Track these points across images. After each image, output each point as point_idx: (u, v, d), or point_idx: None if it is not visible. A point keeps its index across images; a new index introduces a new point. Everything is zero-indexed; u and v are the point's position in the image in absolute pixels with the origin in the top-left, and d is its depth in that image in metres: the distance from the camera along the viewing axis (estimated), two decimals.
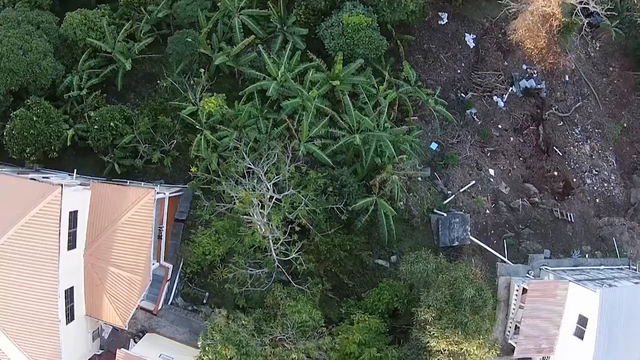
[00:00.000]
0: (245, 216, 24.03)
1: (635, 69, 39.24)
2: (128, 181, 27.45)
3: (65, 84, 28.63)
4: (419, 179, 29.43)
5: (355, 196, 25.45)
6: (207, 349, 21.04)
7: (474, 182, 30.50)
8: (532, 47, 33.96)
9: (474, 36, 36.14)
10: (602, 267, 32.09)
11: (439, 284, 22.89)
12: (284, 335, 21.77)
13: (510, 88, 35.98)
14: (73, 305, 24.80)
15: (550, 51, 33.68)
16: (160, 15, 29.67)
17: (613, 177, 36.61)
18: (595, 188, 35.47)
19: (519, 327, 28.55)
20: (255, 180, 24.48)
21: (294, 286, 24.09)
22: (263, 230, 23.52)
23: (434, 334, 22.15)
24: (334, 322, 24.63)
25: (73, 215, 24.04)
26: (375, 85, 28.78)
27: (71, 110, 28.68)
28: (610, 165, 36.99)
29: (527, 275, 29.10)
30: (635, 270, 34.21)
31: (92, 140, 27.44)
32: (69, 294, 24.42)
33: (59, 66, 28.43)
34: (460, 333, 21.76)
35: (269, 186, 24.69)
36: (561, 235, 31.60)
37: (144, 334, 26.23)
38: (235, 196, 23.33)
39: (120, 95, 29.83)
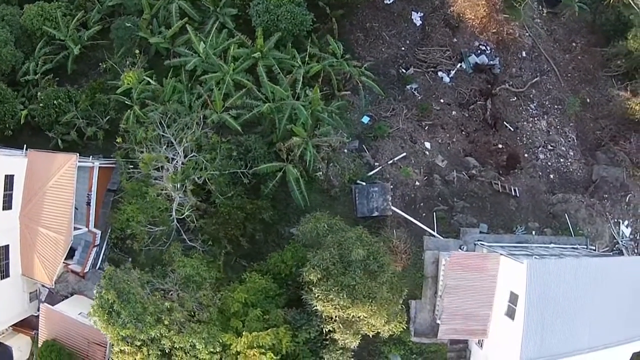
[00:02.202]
0: (155, 180, 23.87)
1: (602, 45, 35.02)
2: None
3: (24, 70, 28.67)
4: (345, 150, 27.76)
5: (260, 161, 23.59)
6: (96, 295, 20.40)
7: (404, 154, 26.81)
8: (473, 17, 30.85)
9: (422, 14, 33.14)
10: (552, 245, 26.90)
11: (328, 244, 19.99)
12: (172, 289, 20.25)
13: (459, 64, 32.53)
14: (8, 263, 24.32)
15: (491, 20, 30.31)
16: (111, 4, 29.28)
17: (572, 153, 32.23)
18: (549, 163, 31.15)
19: None
20: (165, 146, 23.49)
21: (188, 244, 22.87)
22: (166, 190, 23.07)
23: (318, 296, 19.23)
24: None
25: (9, 179, 24.15)
26: (299, 59, 27.67)
27: (27, 93, 28.62)
28: (569, 141, 32.59)
29: (459, 250, 24.99)
30: (594, 249, 29.91)
31: (38, 117, 27.21)
32: (4, 251, 24.18)
33: (18, 54, 28.54)
34: (345, 296, 18.69)
35: (180, 151, 23.47)
36: (502, 209, 26.95)
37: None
38: (140, 158, 23.34)
39: (74, 79, 29.38)
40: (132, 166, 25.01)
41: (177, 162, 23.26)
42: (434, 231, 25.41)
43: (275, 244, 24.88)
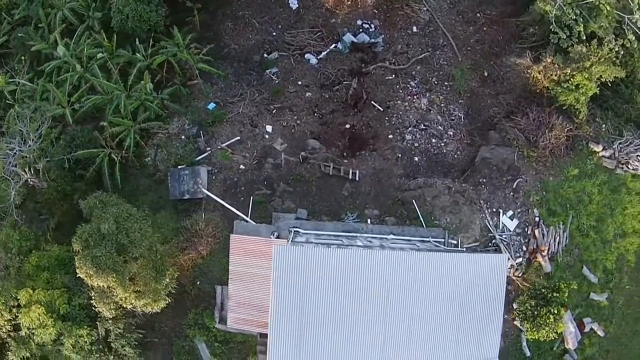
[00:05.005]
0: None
1: (520, 16, 32.13)
2: None
3: None
4: (182, 137, 29.81)
5: (82, 148, 27.24)
6: None
7: (238, 138, 28.46)
8: None
9: None
10: (390, 236, 25.56)
11: (94, 219, 23.10)
12: None
13: (335, 45, 33.11)
14: None
15: None
16: (17, 17, 35.52)
17: (450, 133, 30.04)
18: (416, 145, 29.47)
19: None
20: (17, 138, 29.19)
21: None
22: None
23: (78, 265, 22.38)
24: None
25: None
26: (143, 54, 30.66)
27: None
28: (452, 120, 30.44)
29: (271, 236, 25.07)
30: (457, 245, 26.59)
31: None
32: None
33: None
34: (90, 265, 21.64)
35: (30, 142, 29.07)
36: (331, 194, 26.94)
37: None
38: None
39: None
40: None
41: (18, 150, 28.04)
42: (247, 216, 26.24)
43: None
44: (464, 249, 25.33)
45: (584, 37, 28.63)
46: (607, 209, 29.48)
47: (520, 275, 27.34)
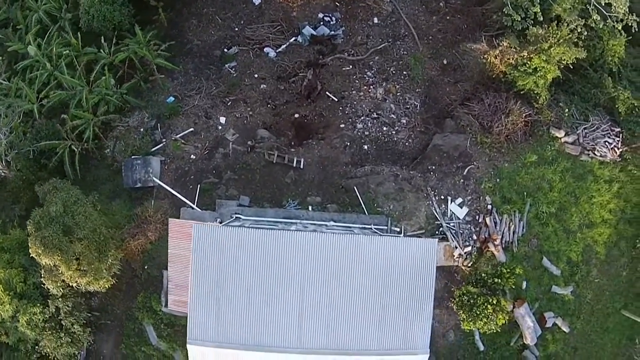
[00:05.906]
0: None
1: (484, 4, 33.26)
2: None
3: None
4: (142, 130, 32.56)
5: (47, 140, 30.37)
6: None
7: (191, 129, 30.61)
8: None
9: None
10: (331, 223, 26.74)
11: (46, 203, 25.73)
12: None
13: (295, 38, 35.14)
14: None
15: None
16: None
17: (404, 121, 31.21)
18: (366, 133, 30.80)
19: None
20: None
21: None
22: None
23: (30, 245, 24.82)
24: None
25: None
26: (107, 51, 33.70)
27: None
28: (407, 108, 31.64)
29: (215, 222, 26.96)
30: (399, 232, 27.09)
31: None
32: None
33: None
34: (39, 245, 24.36)
35: (1, 136, 32.88)
36: (274, 182, 28.65)
37: None
38: None
39: None
40: None
41: None
42: (193, 203, 28.46)
43: None
44: (400, 235, 26.30)
45: (541, 19, 29.46)
46: (571, 197, 29.79)
47: (469, 265, 28.14)
